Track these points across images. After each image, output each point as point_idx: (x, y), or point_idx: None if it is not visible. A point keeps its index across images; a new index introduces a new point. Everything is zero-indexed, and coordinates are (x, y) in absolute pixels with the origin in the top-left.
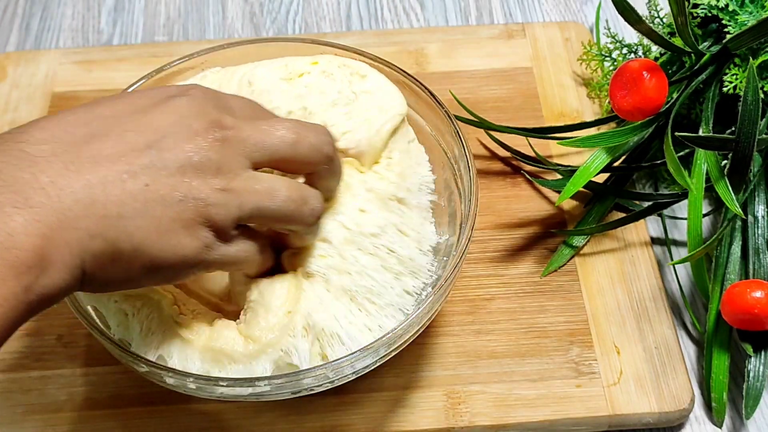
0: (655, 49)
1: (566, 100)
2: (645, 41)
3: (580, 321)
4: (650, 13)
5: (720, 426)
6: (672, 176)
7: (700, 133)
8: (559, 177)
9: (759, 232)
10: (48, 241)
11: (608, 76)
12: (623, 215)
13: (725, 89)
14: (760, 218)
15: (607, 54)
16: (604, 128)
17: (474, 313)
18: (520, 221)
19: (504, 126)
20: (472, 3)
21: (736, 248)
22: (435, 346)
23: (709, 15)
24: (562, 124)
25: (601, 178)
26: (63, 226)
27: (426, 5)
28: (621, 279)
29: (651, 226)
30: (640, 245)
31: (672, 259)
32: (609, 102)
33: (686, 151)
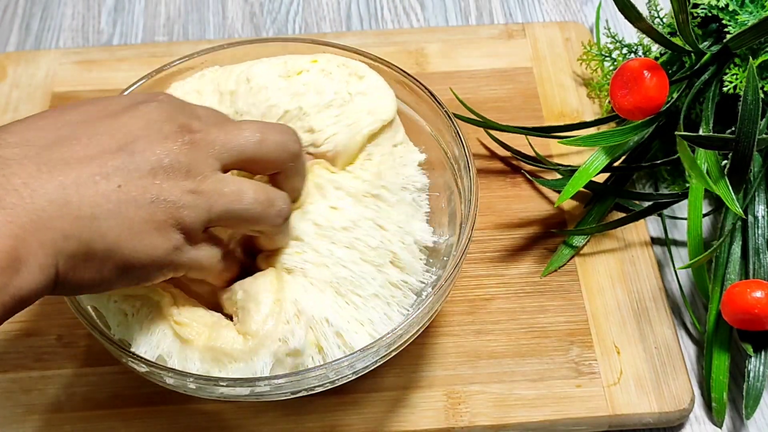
0: (655, 49)
1: (566, 100)
2: (645, 41)
3: (580, 321)
4: (650, 13)
5: (720, 426)
6: (672, 176)
7: (701, 133)
8: (559, 177)
9: (759, 232)
10: (21, 242)
11: (608, 76)
12: (623, 215)
13: (725, 89)
14: (760, 218)
15: (607, 54)
16: (605, 128)
17: (474, 313)
18: (520, 221)
19: (504, 125)
20: (472, 3)
21: (737, 248)
22: (435, 346)
23: (710, 15)
24: (562, 124)
25: (601, 178)
26: (36, 227)
27: (426, 5)
28: (621, 279)
29: (651, 226)
30: (640, 245)
31: (672, 259)
32: (609, 102)
33: (689, 149)
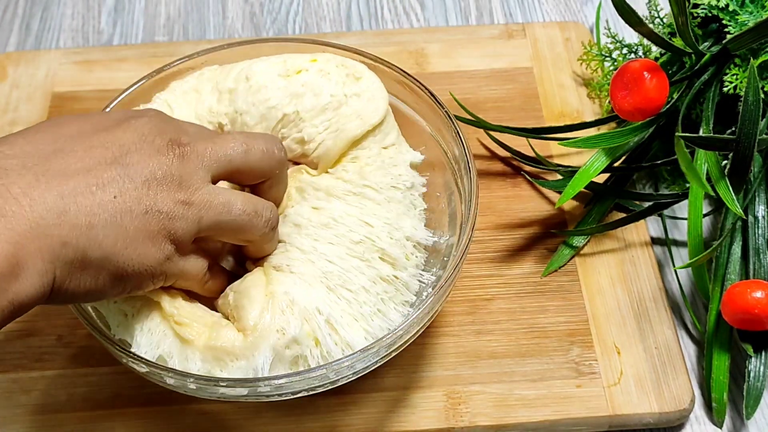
0: (656, 49)
1: (566, 100)
2: (645, 41)
3: (581, 321)
4: (650, 13)
5: (720, 426)
6: (673, 176)
7: (701, 134)
8: (560, 177)
9: (759, 233)
10: (20, 248)
11: (608, 76)
12: (623, 215)
13: (725, 89)
14: (761, 218)
15: (608, 54)
16: (605, 128)
17: (474, 314)
18: (521, 221)
19: (504, 127)
20: (473, 3)
21: (737, 248)
22: (435, 346)
23: (710, 15)
24: (563, 125)
25: (602, 179)
26: (35, 234)
27: (426, 5)
28: (621, 279)
29: (651, 227)
30: (641, 245)
31: (672, 259)
32: (609, 102)
33: (686, 152)
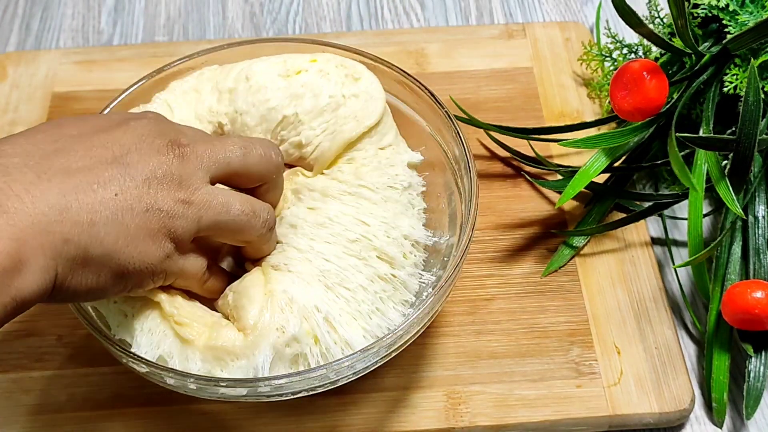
0: (656, 49)
1: (566, 100)
2: (645, 41)
3: (581, 321)
4: (650, 13)
5: (720, 426)
6: (673, 176)
7: (701, 134)
8: (560, 177)
9: (759, 233)
10: (22, 244)
11: (608, 77)
12: (623, 215)
13: (725, 89)
14: (761, 218)
15: (608, 54)
16: (605, 128)
17: (474, 314)
18: (521, 221)
19: (503, 127)
20: (473, 3)
21: (737, 248)
22: (435, 347)
23: (710, 15)
24: (563, 125)
25: (602, 179)
26: (37, 231)
27: (426, 5)
28: (621, 279)
29: (651, 227)
30: (641, 245)
31: (672, 259)
32: (609, 102)
33: (687, 152)
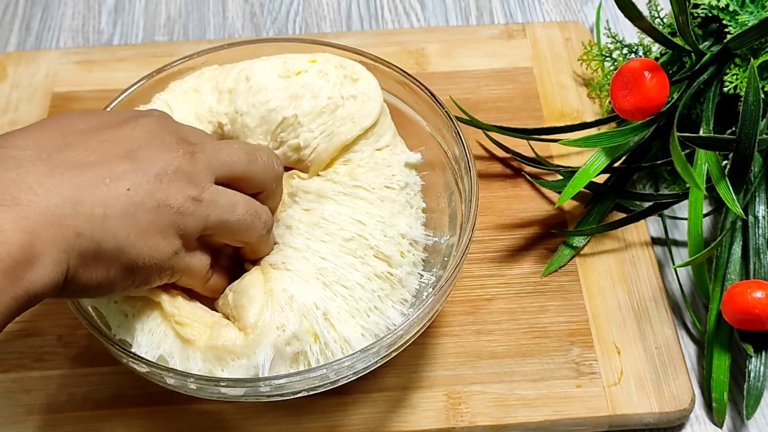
0: (656, 49)
1: (567, 100)
2: (645, 41)
3: (581, 321)
4: (651, 13)
5: (720, 426)
6: (673, 176)
7: (701, 134)
8: (560, 178)
9: (759, 232)
10: (36, 237)
11: (609, 76)
12: (624, 215)
13: (726, 89)
14: (761, 218)
15: (608, 54)
16: (605, 128)
17: (474, 314)
18: (521, 221)
19: (503, 128)
20: (473, 3)
21: (737, 248)
22: (435, 346)
23: (710, 15)
24: (563, 125)
25: (602, 179)
26: (50, 223)
27: (426, 5)
28: (621, 279)
29: (651, 227)
30: (641, 245)
31: (672, 259)
32: (609, 102)
33: (687, 152)
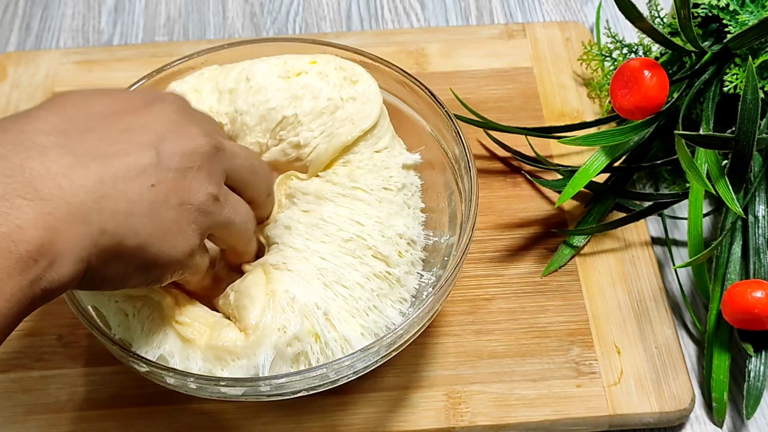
0: (656, 49)
1: (567, 100)
2: (645, 41)
3: (581, 321)
4: (650, 13)
5: (720, 426)
6: (673, 176)
7: (701, 132)
8: (560, 177)
9: (759, 232)
10: (57, 234)
11: (608, 76)
12: (624, 215)
13: (726, 89)
14: (761, 218)
15: (608, 54)
16: (605, 128)
17: (474, 313)
18: (521, 221)
19: (505, 125)
20: (473, 3)
21: (737, 248)
22: (435, 346)
23: (710, 15)
24: (563, 124)
25: (602, 178)
26: (74, 220)
27: (426, 5)
28: (621, 279)
29: (651, 226)
30: (641, 245)
31: (672, 259)
32: (609, 102)
33: (687, 150)
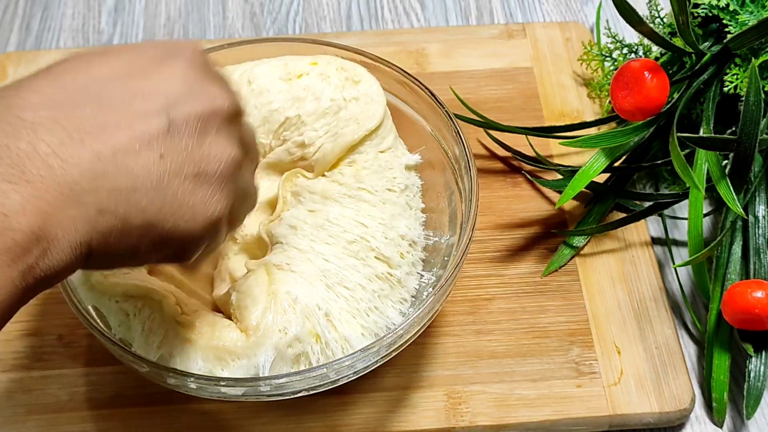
0: (656, 49)
1: (567, 100)
2: (645, 41)
3: (581, 321)
4: (650, 13)
5: (720, 426)
6: (673, 176)
7: (701, 134)
8: (560, 177)
9: (759, 232)
10: (49, 219)
11: (609, 76)
12: (624, 215)
13: (726, 89)
14: (761, 218)
15: (608, 54)
16: (605, 128)
17: (474, 313)
18: (521, 221)
19: (505, 125)
20: (473, 3)
21: (737, 248)
22: (435, 346)
23: (710, 15)
24: (563, 124)
25: (602, 178)
26: (67, 202)
27: (426, 5)
28: (621, 279)
29: (651, 226)
30: (641, 245)
31: (672, 259)
32: (610, 102)
33: (687, 152)
